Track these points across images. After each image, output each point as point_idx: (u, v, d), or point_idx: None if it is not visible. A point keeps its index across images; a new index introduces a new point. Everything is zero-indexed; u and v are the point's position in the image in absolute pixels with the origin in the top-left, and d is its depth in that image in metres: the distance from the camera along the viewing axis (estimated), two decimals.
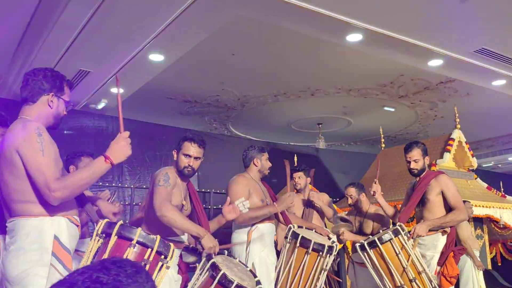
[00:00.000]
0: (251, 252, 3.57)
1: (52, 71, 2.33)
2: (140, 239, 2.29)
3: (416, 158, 3.98)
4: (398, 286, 3.45)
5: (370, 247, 3.53)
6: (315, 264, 3.40)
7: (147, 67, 6.62)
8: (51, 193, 2.02)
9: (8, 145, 2.10)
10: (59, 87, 2.30)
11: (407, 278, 3.46)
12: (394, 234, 3.51)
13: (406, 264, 3.46)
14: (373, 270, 3.58)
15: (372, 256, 3.53)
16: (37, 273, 2.01)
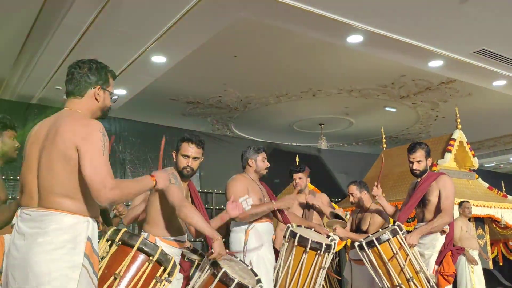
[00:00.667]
0: (249, 251, 3.61)
1: (97, 63, 2.29)
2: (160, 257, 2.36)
3: (419, 159, 3.99)
4: (395, 285, 3.47)
5: (369, 247, 3.56)
6: (313, 262, 3.41)
7: (150, 68, 6.68)
8: (106, 190, 2.00)
9: (65, 139, 2.06)
10: (105, 79, 2.27)
11: (404, 278, 3.49)
12: (392, 234, 3.54)
13: (403, 264, 3.48)
14: (371, 269, 3.61)
15: (370, 256, 3.55)
16: (67, 273, 1.97)
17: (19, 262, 2.01)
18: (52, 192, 2.06)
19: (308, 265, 3.40)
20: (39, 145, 2.14)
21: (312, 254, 3.41)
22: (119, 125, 7.77)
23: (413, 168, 4.01)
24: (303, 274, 3.39)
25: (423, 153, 4.00)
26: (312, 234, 3.66)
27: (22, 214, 2.10)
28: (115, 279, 2.23)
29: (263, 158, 3.93)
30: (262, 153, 3.96)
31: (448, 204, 3.86)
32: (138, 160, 7.98)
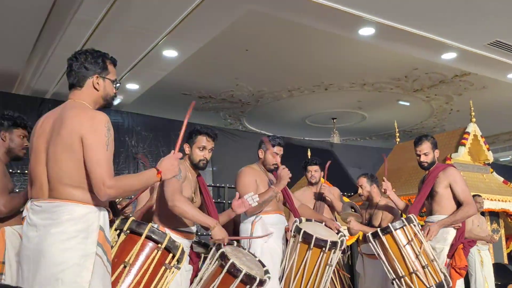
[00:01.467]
0: (254, 242, 3.61)
1: (92, 52, 2.26)
2: (169, 245, 2.36)
3: (426, 151, 3.96)
4: (411, 272, 3.46)
5: (384, 233, 3.55)
6: (318, 260, 3.33)
7: (162, 63, 6.71)
8: (104, 188, 2.01)
9: (70, 129, 2.07)
10: (103, 67, 2.24)
11: (420, 264, 3.48)
12: (407, 221, 3.55)
13: (419, 251, 3.48)
14: (384, 257, 3.59)
15: (385, 243, 3.54)
16: (80, 263, 1.99)
17: (32, 253, 2.03)
18: (61, 183, 2.07)
19: (312, 262, 3.31)
20: (45, 137, 2.16)
21: (317, 251, 3.33)
22: (132, 119, 7.81)
23: (420, 160, 4.00)
24: (307, 271, 3.32)
25: (429, 145, 3.98)
26: (320, 229, 3.57)
27: (33, 206, 2.11)
28: (125, 267, 2.25)
29: (272, 153, 3.80)
30: (275, 147, 3.82)
31: (467, 196, 3.84)
32: (150, 154, 8.02)
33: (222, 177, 8.49)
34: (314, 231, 3.40)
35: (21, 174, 6.56)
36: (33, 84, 7.44)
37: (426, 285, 3.46)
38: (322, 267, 3.33)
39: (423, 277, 3.47)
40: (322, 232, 3.51)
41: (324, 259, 3.31)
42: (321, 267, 3.32)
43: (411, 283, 3.47)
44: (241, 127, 11.40)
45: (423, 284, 3.47)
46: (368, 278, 4.41)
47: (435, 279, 3.49)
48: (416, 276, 3.47)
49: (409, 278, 3.49)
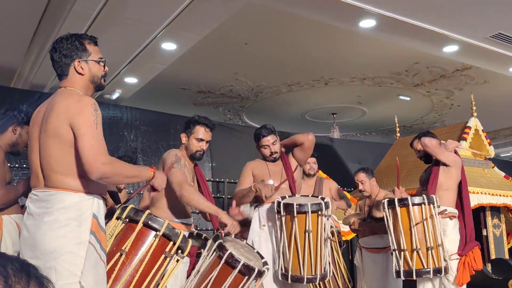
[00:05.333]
0: (251, 231, 3.57)
1: (68, 37, 2.20)
2: (166, 232, 2.30)
3: (419, 149, 4.04)
4: (413, 249, 3.44)
5: (400, 205, 3.51)
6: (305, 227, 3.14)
7: (160, 56, 6.66)
8: (97, 164, 1.98)
9: (57, 115, 2.06)
10: (82, 50, 2.19)
11: (425, 245, 3.46)
12: (428, 200, 3.52)
13: (429, 232, 3.45)
14: (392, 227, 3.56)
15: (398, 213, 3.50)
16: (73, 250, 1.98)
17: (29, 241, 2.04)
18: (53, 171, 2.07)
19: (301, 230, 3.11)
20: (38, 126, 2.15)
21: (302, 217, 3.13)
22: (131, 114, 7.76)
23: (420, 156, 4.05)
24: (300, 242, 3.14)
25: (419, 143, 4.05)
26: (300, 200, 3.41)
27: (32, 195, 2.13)
28: (121, 255, 2.22)
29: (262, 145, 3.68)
30: (260, 139, 3.69)
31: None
32: (150, 149, 7.98)
33: (221, 172, 8.44)
34: (295, 201, 3.24)
35: (19, 168, 6.52)
36: (31, 78, 7.40)
37: (423, 266, 3.45)
38: (313, 233, 3.16)
39: (424, 257, 3.47)
40: (303, 200, 3.31)
41: (311, 224, 3.16)
42: (311, 233, 3.15)
43: (410, 259, 3.47)
44: (241, 122, 11.35)
45: (421, 264, 3.47)
46: (367, 271, 4.39)
47: (435, 263, 3.47)
48: (417, 254, 3.46)
49: (409, 254, 3.48)
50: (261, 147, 3.70)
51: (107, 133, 8.06)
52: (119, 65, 6.84)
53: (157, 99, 9.10)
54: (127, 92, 8.20)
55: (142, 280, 2.25)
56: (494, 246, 7.95)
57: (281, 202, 3.24)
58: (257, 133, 3.73)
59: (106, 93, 8.04)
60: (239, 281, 2.63)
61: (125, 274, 2.20)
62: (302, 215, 3.19)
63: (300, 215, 3.19)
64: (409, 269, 3.47)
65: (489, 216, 7.98)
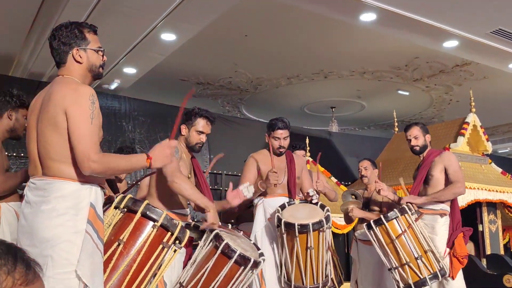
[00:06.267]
0: (255, 224, 3.59)
1: (67, 25, 2.18)
2: (164, 222, 2.30)
3: (415, 135, 3.96)
4: (403, 263, 3.44)
5: (376, 225, 3.53)
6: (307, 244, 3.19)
7: (160, 46, 6.64)
8: (88, 162, 1.97)
9: (54, 103, 2.04)
10: (81, 38, 2.17)
11: (413, 256, 3.46)
12: (400, 212, 3.51)
13: (411, 242, 3.45)
14: (379, 248, 3.57)
15: (378, 234, 3.52)
16: (70, 239, 1.98)
17: (26, 230, 2.04)
18: (50, 159, 2.06)
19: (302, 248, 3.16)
20: (36, 114, 2.14)
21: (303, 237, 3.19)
22: (129, 104, 7.74)
23: (411, 145, 4.01)
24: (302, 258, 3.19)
25: (418, 129, 4.00)
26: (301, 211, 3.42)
27: (30, 184, 2.12)
28: (119, 244, 2.22)
29: (274, 137, 3.71)
30: (275, 130, 3.71)
31: (458, 176, 3.83)
32: (148, 140, 7.97)
33: (219, 164, 8.42)
34: (295, 217, 3.28)
35: (17, 157, 6.51)
36: (30, 66, 7.37)
37: (419, 276, 3.45)
38: (315, 249, 3.24)
39: (416, 268, 3.46)
40: (304, 214, 3.37)
41: (313, 241, 3.22)
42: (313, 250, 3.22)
43: (404, 274, 3.47)
44: (239, 114, 11.34)
45: (416, 275, 3.47)
46: (362, 263, 4.40)
47: (429, 269, 3.47)
48: (409, 267, 3.46)
49: (402, 269, 3.49)
50: (272, 137, 3.71)
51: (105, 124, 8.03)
52: (118, 55, 6.81)
53: (156, 90, 9.08)
54: (125, 83, 8.17)
55: (139, 270, 2.25)
56: (489, 242, 7.99)
57: (282, 220, 3.24)
58: (272, 123, 3.74)
59: (105, 83, 8.02)
60: (235, 271, 2.64)
61: (123, 264, 2.20)
62: (304, 234, 3.23)
63: (302, 235, 3.23)
64: (407, 284, 3.49)
65: (485, 212, 8.01)
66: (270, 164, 3.67)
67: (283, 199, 3.65)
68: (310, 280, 3.30)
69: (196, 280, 2.67)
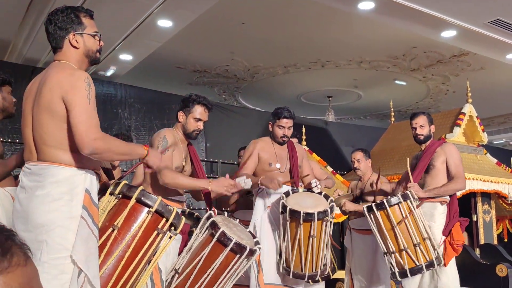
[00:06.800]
0: (255, 212, 3.59)
1: (63, 10, 2.17)
2: (159, 208, 2.30)
3: (421, 124, 3.94)
4: (401, 249, 3.45)
5: (378, 209, 3.52)
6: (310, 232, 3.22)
7: (156, 33, 6.58)
8: (89, 140, 1.97)
9: (50, 88, 2.03)
10: (77, 23, 2.16)
11: (411, 243, 3.47)
12: (403, 198, 3.51)
13: (411, 229, 3.46)
14: (377, 231, 3.57)
15: (378, 218, 3.51)
16: (65, 225, 1.98)
17: (21, 214, 2.05)
18: (46, 144, 2.06)
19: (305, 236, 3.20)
20: (32, 99, 2.13)
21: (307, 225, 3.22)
22: (125, 91, 7.70)
23: (416, 133, 3.95)
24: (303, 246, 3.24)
25: (425, 119, 3.97)
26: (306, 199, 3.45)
27: (25, 169, 2.12)
28: (113, 230, 2.22)
29: (278, 125, 3.70)
30: (279, 120, 3.69)
31: (459, 171, 3.84)
32: (143, 127, 7.94)
33: (215, 152, 8.44)
34: (300, 205, 3.31)
35: (12, 143, 6.48)
36: (25, 52, 7.30)
37: (415, 263, 3.46)
38: (317, 238, 3.26)
39: (413, 255, 3.47)
40: (309, 202, 3.40)
41: (316, 230, 3.25)
42: (315, 238, 3.25)
43: (400, 259, 3.48)
44: (236, 103, 11.31)
45: (412, 262, 3.48)
46: (356, 252, 4.42)
47: (426, 257, 3.49)
48: (406, 254, 3.47)
49: (399, 254, 3.49)
50: (276, 126, 3.70)
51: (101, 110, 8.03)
52: (114, 41, 6.76)
53: (152, 77, 9.03)
54: (122, 69, 8.12)
55: (134, 256, 2.25)
56: (483, 232, 8.05)
57: (288, 207, 3.25)
58: (278, 111, 3.72)
59: (101, 69, 7.97)
60: (231, 259, 2.65)
61: (117, 250, 2.20)
62: (308, 223, 3.25)
63: (306, 223, 3.25)
64: (402, 270, 3.50)
65: (479, 202, 8.05)
66: (271, 152, 3.68)
67: (284, 187, 3.65)
68: (309, 267, 3.33)
69: (191, 267, 2.67)
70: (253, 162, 3.69)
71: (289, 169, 3.77)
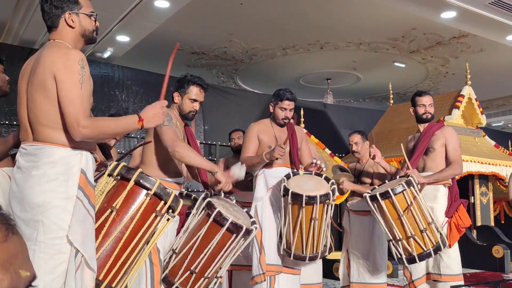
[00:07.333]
0: (255, 194, 3.59)
1: None
2: (157, 191, 2.29)
3: (430, 103, 3.93)
4: (409, 236, 3.44)
5: (383, 198, 3.49)
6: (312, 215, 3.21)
7: (153, 14, 6.51)
8: (78, 128, 1.96)
9: (43, 68, 2.01)
10: (73, 2, 2.14)
11: (418, 229, 3.45)
12: (407, 185, 3.48)
13: (417, 215, 3.44)
14: (382, 220, 3.55)
15: (383, 207, 3.49)
16: (61, 205, 1.98)
17: (17, 195, 2.04)
18: (40, 124, 2.04)
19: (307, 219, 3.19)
20: (26, 78, 2.11)
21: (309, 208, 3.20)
22: (122, 73, 7.65)
23: (426, 110, 3.90)
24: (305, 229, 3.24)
25: (432, 98, 3.95)
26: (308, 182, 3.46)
27: (21, 149, 2.11)
28: (111, 212, 2.22)
29: (280, 107, 3.64)
30: (281, 101, 3.63)
31: (457, 155, 3.83)
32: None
33: (213, 134, 8.43)
34: (302, 188, 3.29)
35: (9, 125, 6.46)
36: (21, 33, 7.23)
37: (423, 249, 3.45)
38: (318, 221, 3.26)
39: (421, 241, 3.45)
40: (310, 185, 3.40)
41: (318, 213, 3.25)
42: (317, 221, 3.25)
43: (408, 246, 3.46)
44: (234, 85, 11.26)
45: (420, 248, 3.46)
46: (353, 234, 4.43)
47: (433, 242, 3.48)
48: (413, 240, 3.45)
49: (406, 241, 3.47)
50: (278, 107, 3.67)
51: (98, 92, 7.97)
52: (111, 22, 6.69)
53: (150, 59, 8.96)
54: (119, 51, 8.06)
55: (132, 237, 2.25)
56: (480, 214, 8.10)
57: (290, 191, 3.25)
58: (280, 93, 3.69)
59: (98, 51, 7.90)
60: (227, 238, 2.66)
61: (115, 231, 2.20)
62: (310, 205, 3.24)
63: (308, 206, 3.24)
64: (410, 256, 3.48)
65: (477, 184, 8.09)
66: (271, 134, 3.65)
67: (284, 169, 3.64)
68: (310, 249, 3.34)
69: (188, 247, 2.68)
70: (254, 145, 3.67)
71: (288, 152, 3.75)
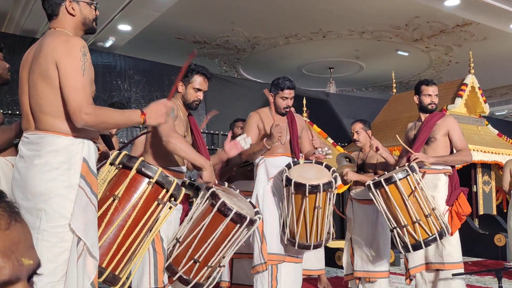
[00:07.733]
0: (256, 184, 3.59)
1: None
2: (159, 179, 2.29)
3: (437, 93, 3.93)
4: (414, 221, 3.44)
5: (387, 183, 3.49)
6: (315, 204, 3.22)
7: (155, 2, 6.49)
8: (81, 114, 1.96)
9: (45, 55, 2.01)
10: None
11: (422, 214, 3.46)
12: (411, 170, 3.50)
13: (422, 200, 3.46)
14: (385, 206, 3.56)
15: (388, 192, 3.49)
16: (63, 193, 1.99)
17: (20, 183, 2.06)
18: (42, 112, 2.05)
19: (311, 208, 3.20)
20: (28, 66, 2.11)
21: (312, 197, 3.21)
22: (125, 62, 7.63)
23: (432, 101, 3.90)
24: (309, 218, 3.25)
25: (437, 89, 3.95)
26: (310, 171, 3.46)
27: (23, 138, 2.12)
28: (114, 200, 2.23)
29: (281, 97, 3.62)
30: (282, 91, 3.60)
31: (464, 143, 3.86)
32: (143, 99, 7.91)
33: (215, 124, 8.43)
34: (304, 177, 3.29)
35: (12, 115, 6.47)
36: (22, 23, 7.21)
37: (428, 234, 3.46)
38: (322, 209, 3.27)
39: (426, 226, 3.46)
40: (312, 174, 3.39)
41: (321, 201, 3.26)
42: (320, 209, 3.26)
43: (413, 232, 3.46)
44: (236, 74, 11.23)
45: (425, 233, 3.47)
46: (357, 222, 4.43)
47: (437, 227, 3.49)
48: (419, 225, 3.46)
49: (412, 227, 3.47)
50: (279, 97, 3.66)
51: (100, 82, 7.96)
52: (112, 11, 6.66)
53: (152, 48, 8.94)
54: (120, 40, 8.03)
55: (134, 226, 2.27)
56: (482, 202, 8.11)
57: (293, 180, 3.24)
58: (280, 82, 3.67)
59: (99, 40, 7.88)
60: (231, 228, 2.67)
61: (118, 219, 2.22)
62: (313, 194, 3.24)
63: (311, 195, 3.24)
64: (416, 242, 3.48)
65: (479, 173, 8.09)
66: (271, 123, 3.64)
67: (285, 158, 3.64)
68: (314, 237, 3.35)
69: (192, 236, 2.69)
70: (255, 133, 3.67)
71: (289, 140, 3.75)
